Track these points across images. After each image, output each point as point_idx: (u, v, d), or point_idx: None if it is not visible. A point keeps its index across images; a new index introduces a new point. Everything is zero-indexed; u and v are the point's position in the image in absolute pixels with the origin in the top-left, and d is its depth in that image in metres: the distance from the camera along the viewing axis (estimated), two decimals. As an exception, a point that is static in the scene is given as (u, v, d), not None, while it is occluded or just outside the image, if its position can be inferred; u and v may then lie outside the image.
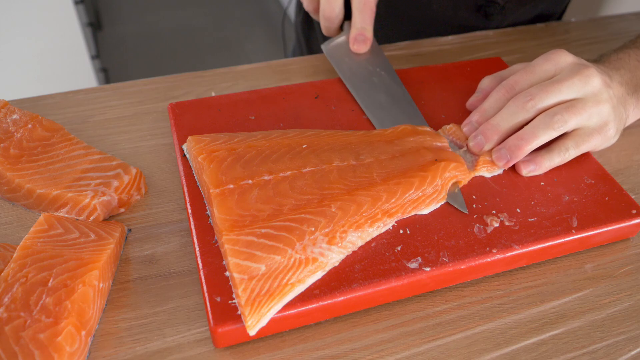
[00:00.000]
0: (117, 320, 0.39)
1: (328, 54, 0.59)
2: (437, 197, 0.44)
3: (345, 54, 0.58)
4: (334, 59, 0.58)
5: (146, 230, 0.45)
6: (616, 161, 0.55)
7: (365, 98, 0.54)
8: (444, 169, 0.45)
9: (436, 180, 0.44)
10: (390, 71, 0.57)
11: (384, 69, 0.58)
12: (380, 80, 0.56)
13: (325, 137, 0.47)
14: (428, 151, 0.47)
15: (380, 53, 0.59)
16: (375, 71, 0.57)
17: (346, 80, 0.56)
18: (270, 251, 0.38)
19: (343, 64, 0.58)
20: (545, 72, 0.49)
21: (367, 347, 0.39)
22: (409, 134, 0.48)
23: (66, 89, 0.60)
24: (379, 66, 0.58)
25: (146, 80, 0.61)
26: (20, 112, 0.50)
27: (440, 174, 0.45)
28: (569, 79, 0.47)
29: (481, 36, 0.72)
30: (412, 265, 0.40)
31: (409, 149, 0.47)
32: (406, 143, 0.47)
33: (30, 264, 0.38)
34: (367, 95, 0.55)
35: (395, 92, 0.55)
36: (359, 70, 0.57)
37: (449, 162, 0.46)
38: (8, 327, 0.34)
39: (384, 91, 0.55)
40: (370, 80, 0.56)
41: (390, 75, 0.57)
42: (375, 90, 0.55)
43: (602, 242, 0.46)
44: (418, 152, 0.47)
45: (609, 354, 0.40)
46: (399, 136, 0.48)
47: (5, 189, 0.46)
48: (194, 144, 0.45)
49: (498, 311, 0.42)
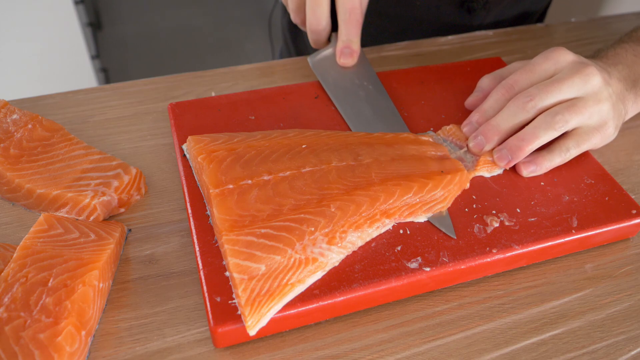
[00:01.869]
0: (117, 320, 0.39)
1: (314, 67, 0.58)
2: (433, 207, 0.44)
3: (331, 67, 0.57)
4: (320, 72, 0.57)
5: (146, 230, 0.45)
6: (616, 161, 0.55)
7: (350, 113, 0.53)
8: (449, 182, 0.44)
9: (436, 190, 0.44)
10: (376, 83, 0.56)
11: (371, 81, 0.56)
12: (367, 94, 0.55)
13: (325, 138, 0.47)
14: (433, 162, 0.46)
15: (367, 65, 0.58)
16: (362, 84, 0.56)
17: (331, 94, 0.55)
18: (270, 251, 0.38)
19: (328, 77, 0.56)
20: (545, 70, 0.49)
21: (367, 347, 0.39)
22: (410, 142, 0.48)
23: (66, 89, 0.60)
24: (366, 79, 0.56)
25: (146, 80, 0.61)
26: (20, 112, 0.50)
27: (445, 185, 0.44)
28: (569, 78, 0.47)
29: (481, 36, 0.72)
30: (412, 265, 0.40)
31: (412, 155, 0.47)
32: (407, 150, 0.47)
33: (30, 264, 0.38)
34: (353, 109, 0.53)
35: (381, 106, 0.54)
36: (344, 83, 0.56)
37: (455, 175, 0.45)
38: (8, 327, 0.34)
39: (370, 105, 0.54)
40: (356, 94, 0.55)
41: (376, 88, 0.56)
42: (361, 104, 0.54)
43: (602, 242, 0.46)
44: (422, 160, 0.46)
45: (609, 354, 0.40)
46: (399, 142, 0.48)
47: (5, 189, 0.46)
48: (194, 144, 0.45)
49: (498, 311, 0.42)
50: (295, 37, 0.89)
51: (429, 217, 0.44)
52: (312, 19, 0.55)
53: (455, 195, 0.45)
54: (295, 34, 0.89)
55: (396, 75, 0.59)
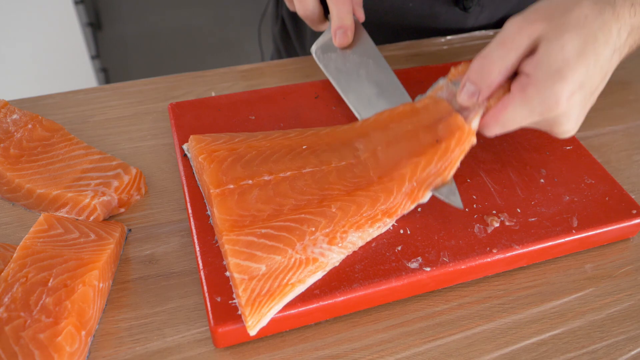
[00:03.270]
0: (117, 320, 0.39)
1: (316, 55, 0.58)
2: (434, 181, 0.42)
3: (332, 50, 0.57)
4: (322, 60, 0.57)
5: (146, 230, 0.45)
6: (616, 161, 0.55)
7: (353, 98, 0.53)
8: (444, 151, 0.42)
9: (430, 167, 0.42)
10: (377, 57, 0.56)
11: (371, 56, 0.56)
12: (367, 71, 0.55)
13: (325, 136, 0.47)
14: (426, 131, 0.43)
15: (366, 37, 0.57)
16: (362, 61, 0.56)
17: (334, 81, 0.55)
18: (270, 251, 0.38)
19: (330, 63, 0.57)
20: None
21: (367, 347, 0.39)
22: (406, 116, 0.45)
23: (66, 89, 0.60)
24: (366, 54, 0.56)
25: (146, 80, 0.61)
26: (20, 112, 0.50)
27: (440, 157, 0.42)
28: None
29: (481, 36, 0.72)
30: (413, 265, 0.40)
31: (405, 132, 0.44)
32: (403, 126, 0.44)
33: (30, 264, 0.38)
34: (355, 93, 0.54)
35: (383, 82, 0.54)
36: (345, 66, 0.56)
37: (450, 140, 0.41)
38: (8, 327, 0.34)
39: (372, 82, 0.54)
40: (357, 74, 0.55)
41: (376, 62, 0.56)
42: (363, 85, 0.54)
43: (602, 242, 0.46)
44: (415, 135, 0.43)
45: (609, 354, 0.40)
46: (394, 120, 0.45)
47: (5, 189, 0.46)
48: (195, 144, 0.45)
49: (498, 311, 0.42)
50: (287, 45, 0.89)
51: (433, 192, 0.43)
52: (299, 5, 0.55)
53: (459, 158, 0.42)
54: (286, 42, 0.89)
55: (396, 75, 0.59)
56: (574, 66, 0.39)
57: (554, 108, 0.40)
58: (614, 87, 0.64)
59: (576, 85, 0.40)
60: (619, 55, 0.43)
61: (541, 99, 0.40)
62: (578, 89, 0.40)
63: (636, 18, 0.43)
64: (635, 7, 0.43)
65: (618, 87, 0.65)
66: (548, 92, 0.39)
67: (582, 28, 0.40)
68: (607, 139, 0.57)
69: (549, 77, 0.39)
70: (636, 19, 0.43)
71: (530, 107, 0.40)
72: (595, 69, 0.40)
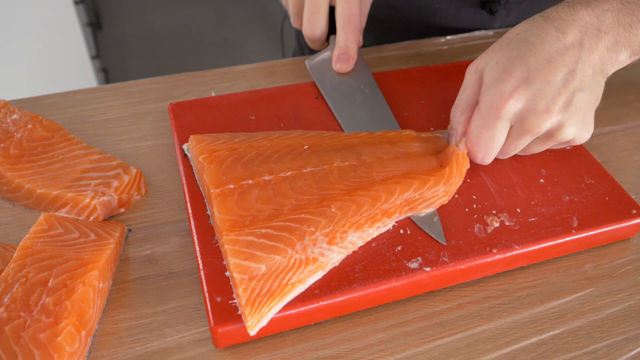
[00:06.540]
0: (117, 320, 0.39)
1: (311, 69, 0.57)
2: (435, 203, 0.44)
3: (328, 70, 0.57)
4: (317, 75, 0.57)
5: (146, 230, 0.45)
6: (616, 161, 0.55)
7: (346, 118, 0.52)
8: (450, 175, 0.45)
9: (438, 186, 0.44)
10: (373, 87, 0.56)
11: (368, 85, 0.56)
12: (364, 98, 0.54)
13: (327, 139, 0.47)
14: (433, 157, 0.47)
15: (365, 67, 0.57)
16: (358, 88, 0.55)
17: (328, 98, 0.54)
18: (270, 251, 0.38)
19: (325, 81, 0.56)
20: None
21: (367, 347, 0.39)
22: (413, 140, 0.48)
23: (66, 89, 0.60)
24: (363, 82, 0.56)
25: (146, 80, 0.61)
26: (20, 112, 0.50)
27: (447, 180, 0.44)
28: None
29: (481, 36, 0.72)
30: (413, 265, 0.40)
31: (414, 152, 0.47)
32: (410, 147, 0.47)
33: (30, 264, 0.38)
34: (348, 114, 0.53)
35: (377, 111, 0.53)
36: (341, 87, 0.55)
37: (452, 164, 0.45)
38: (8, 327, 0.34)
39: (366, 110, 0.53)
40: (352, 98, 0.54)
41: (373, 92, 0.55)
42: (357, 109, 0.53)
43: (602, 242, 0.46)
44: (423, 157, 0.47)
45: (609, 354, 0.40)
46: (402, 139, 0.48)
47: (5, 189, 0.46)
48: (196, 144, 0.45)
49: (498, 311, 0.42)
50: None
51: (424, 215, 0.44)
52: (308, 26, 0.55)
53: (458, 184, 0.45)
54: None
55: (396, 75, 0.59)
56: (510, 70, 0.43)
57: (499, 105, 0.42)
58: (614, 87, 0.64)
59: (518, 80, 0.42)
60: (589, 42, 0.42)
61: (488, 103, 0.43)
62: (523, 83, 0.42)
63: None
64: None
65: (618, 87, 0.65)
66: (492, 93, 0.43)
67: (513, 41, 0.44)
68: (607, 139, 0.57)
69: (491, 85, 0.43)
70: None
71: (483, 115, 0.44)
72: (539, 64, 0.42)
